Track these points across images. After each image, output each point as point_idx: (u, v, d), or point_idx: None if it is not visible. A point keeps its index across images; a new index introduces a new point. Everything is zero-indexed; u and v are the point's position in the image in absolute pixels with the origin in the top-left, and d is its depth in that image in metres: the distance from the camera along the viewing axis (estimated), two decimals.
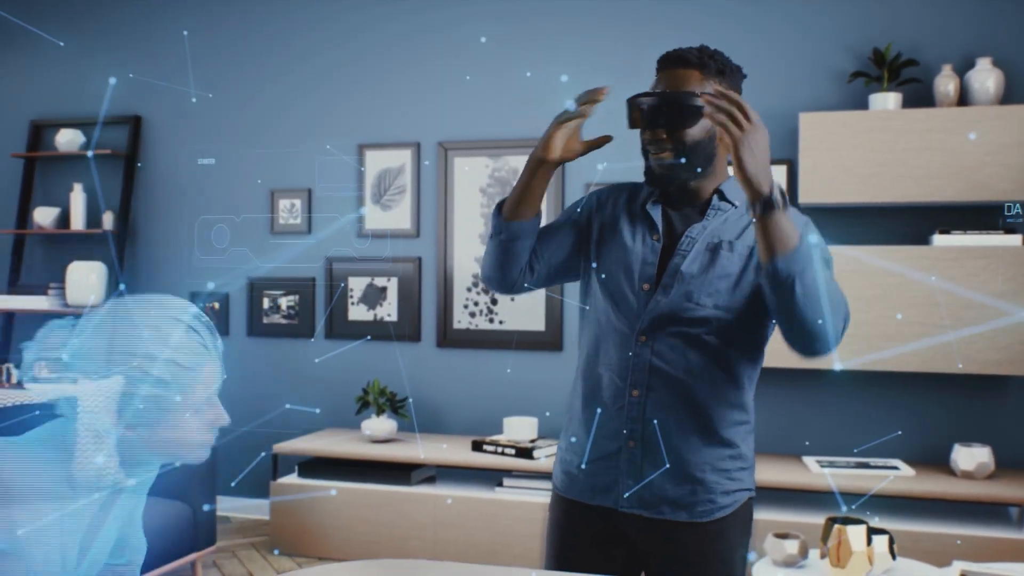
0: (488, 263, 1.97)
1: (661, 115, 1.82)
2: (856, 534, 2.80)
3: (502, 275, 1.95)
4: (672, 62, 1.85)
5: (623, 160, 4.41)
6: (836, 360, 3.86)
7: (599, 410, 1.91)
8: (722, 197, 1.90)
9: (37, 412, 3.39)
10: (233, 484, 4.96)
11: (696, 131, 1.83)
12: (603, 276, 1.92)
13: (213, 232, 4.96)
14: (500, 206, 1.95)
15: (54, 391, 1.69)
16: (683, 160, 1.84)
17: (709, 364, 1.86)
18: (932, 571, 2.84)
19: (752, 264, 1.85)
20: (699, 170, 1.86)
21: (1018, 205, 3.71)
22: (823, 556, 2.81)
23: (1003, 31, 3.96)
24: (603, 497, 1.91)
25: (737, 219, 1.89)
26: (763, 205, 1.65)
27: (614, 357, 1.90)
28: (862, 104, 4.10)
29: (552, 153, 1.86)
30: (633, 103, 1.86)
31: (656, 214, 1.91)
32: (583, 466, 1.94)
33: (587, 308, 1.98)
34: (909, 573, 2.88)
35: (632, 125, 1.88)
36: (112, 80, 4.56)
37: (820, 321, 1.67)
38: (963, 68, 3.99)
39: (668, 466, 1.87)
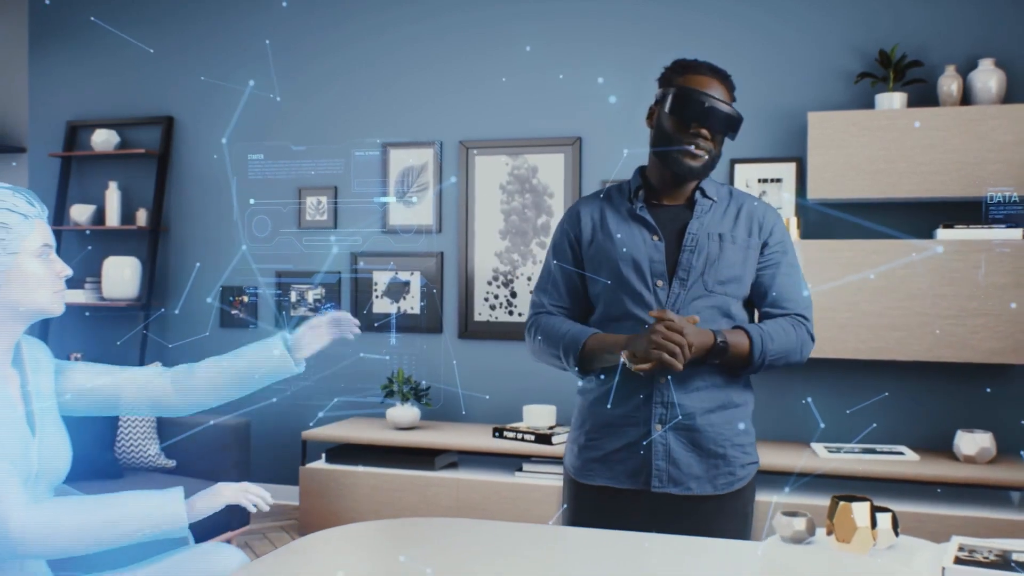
0: (549, 364, 2.15)
1: (721, 120, 2.01)
2: (860, 511, 2.95)
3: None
4: (717, 73, 2.04)
5: (645, 145, 4.58)
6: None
7: (628, 401, 2.06)
8: (704, 194, 2.10)
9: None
10: (303, 467, 5.15)
11: (722, 144, 2.07)
12: (616, 277, 2.07)
13: (255, 223, 5.16)
14: (578, 358, 2.06)
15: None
16: (709, 164, 2.05)
17: None
18: (932, 545, 3.00)
19: (750, 254, 2.08)
20: (710, 172, 2.08)
21: (1000, 196, 3.85)
22: (829, 533, 2.96)
23: (1004, 33, 4.11)
24: (633, 481, 2.06)
25: (723, 213, 2.09)
26: (716, 355, 1.96)
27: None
28: (869, 104, 4.26)
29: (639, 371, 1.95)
30: (702, 98, 1.99)
31: (648, 216, 2.08)
32: (612, 454, 2.08)
33: (596, 308, 2.12)
34: (911, 548, 3.03)
35: (679, 115, 2.00)
36: (251, 82, 4.79)
37: (784, 363, 2.05)
38: (966, 69, 4.14)
39: (696, 444, 2.04)
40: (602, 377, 2.10)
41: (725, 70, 2.09)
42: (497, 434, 4.33)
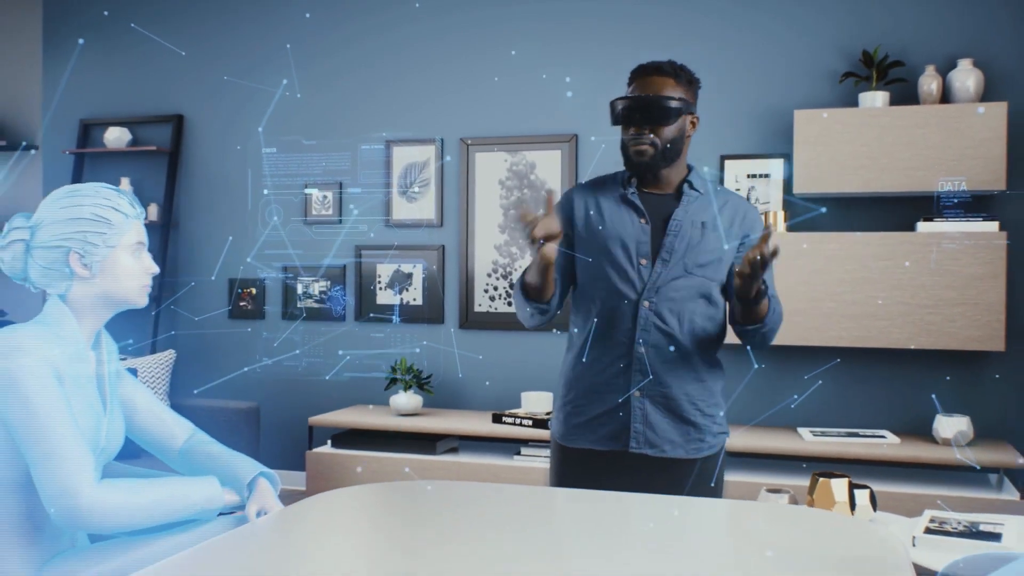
0: (530, 323, 2.30)
1: (645, 114, 2.19)
2: (839, 486, 3.13)
3: (544, 322, 2.31)
4: (650, 71, 2.22)
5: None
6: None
7: (609, 368, 2.26)
8: (691, 186, 2.29)
9: None
10: (308, 451, 5.32)
11: (671, 129, 2.22)
12: (605, 254, 2.27)
13: (267, 213, 5.33)
14: (524, 291, 2.25)
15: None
16: (660, 151, 2.22)
17: (700, 323, 2.26)
18: (906, 520, 3.17)
19: (731, 243, 2.27)
20: (670, 160, 2.24)
21: (949, 186, 4.04)
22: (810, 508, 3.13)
23: (983, 35, 4.29)
24: (613, 442, 2.26)
25: (707, 204, 2.29)
26: (761, 293, 2.15)
27: (623, 322, 2.25)
28: (852, 102, 4.43)
29: (551, 255, 2.09)
30: (620, 103, 2.22)
31: (638, 201, 2.28)
32: (594, 418, 2.28)
33: (583, 284, 2.33)
34: (888, 522, 3.21)
35: (616, 122, 2.24)
36: (284, 81, 4.99)
37: (771, 336, 2.28)
38: (945, 69, 4.32)
39: (670, 411, 2.24)
40: (578, 330, 2.32)
41: (670, 63, 2.23)
42: (496, 420, 4.50)
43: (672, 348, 2.23)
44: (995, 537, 2.74)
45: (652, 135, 2.21)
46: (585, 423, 2.30)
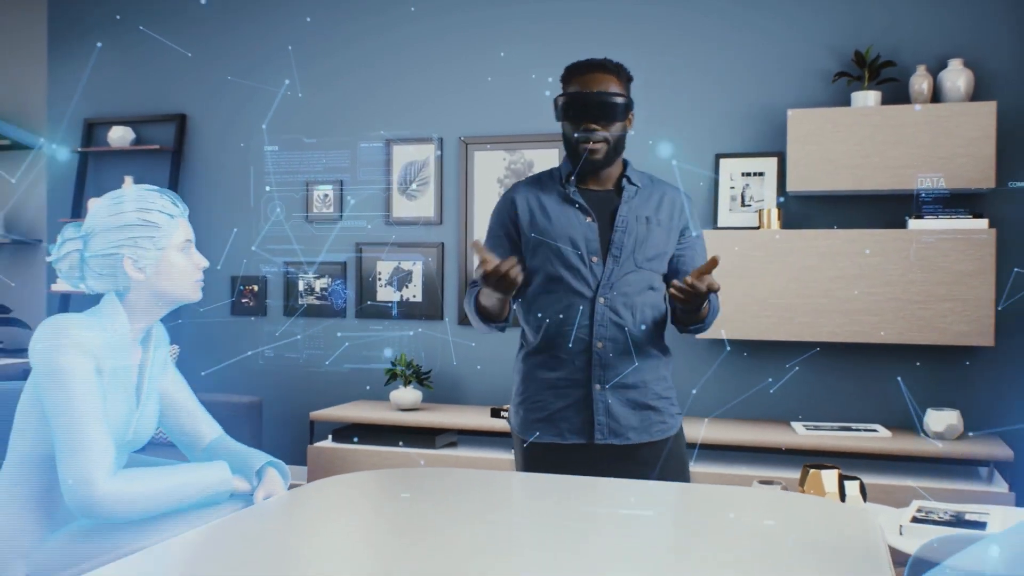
0: (486, 333, 2.38)
1: (598, 111, 2.24)
2: (829, 477, 3.20)
3: (500, 330, 2.37)
4: (595, 68, 2.27)
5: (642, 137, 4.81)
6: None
7: (568, 364, 2.33)
8: (630, 181, 2.36)
9: None
10: (314, 445, 5.39)
11: (620, 126, 2.29)
12: (555, 254, 2.31)
13: (269, 209, 5.41)
14: (480, 313, 2.31)
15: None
16: (612, 148, 2.29)
17: (650, 312, 2.35)
18: (894, 510, 3.24)
19: (672, 235, 2.37)
20: (618, 157, 2.33)
21: (928, 183, 4.12)
22: None
23: (973, 35, 4.35)
24: (578, 436, 2.33)
25: (647, 198, 2.37)
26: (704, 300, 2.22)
27: (580, 319, 2.31)
28: (845, 101, 4.50)
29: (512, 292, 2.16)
30: (581, 98, 2.25)
31: (580, 199, 2.33)
32: (555, 413, 2.34)
33: (536, 284, 2.36)
34: (877, 512, 3.28)
35: (565, 119, 2.28)
36: (287, 81, 5.06)
37: (708, 327, 2.40)
38: (936, 68, 4.39)
39: (630, 400, 2.32)
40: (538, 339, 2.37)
41: (612, 61, 2.31)
42: (494, 414, 4.57)
43: (628, 340, 2.30)
44: (980, 526, 2.80)
45: (606, 132, 2.27)
46: (546, 418, 2.34)
